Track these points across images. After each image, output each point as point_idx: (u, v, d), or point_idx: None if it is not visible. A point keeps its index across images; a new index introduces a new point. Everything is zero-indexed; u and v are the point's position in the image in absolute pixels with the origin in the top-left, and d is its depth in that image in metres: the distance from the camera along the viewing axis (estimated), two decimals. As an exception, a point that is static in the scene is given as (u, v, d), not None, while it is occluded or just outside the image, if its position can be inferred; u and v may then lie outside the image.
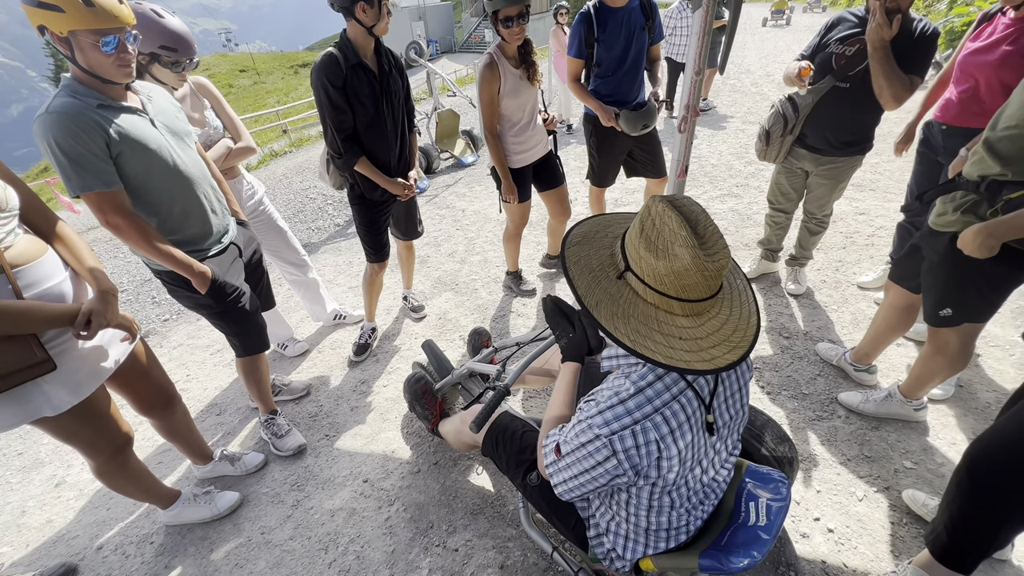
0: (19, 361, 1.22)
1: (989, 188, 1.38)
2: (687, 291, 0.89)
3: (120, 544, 1.92)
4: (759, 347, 2.47)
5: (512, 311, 3.02)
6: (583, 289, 0.98)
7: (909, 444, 1.90)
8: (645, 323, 0.93)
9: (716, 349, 0.91)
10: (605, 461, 0.95)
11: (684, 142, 1.87)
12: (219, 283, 1.78)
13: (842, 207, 3.62)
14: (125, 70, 1.46)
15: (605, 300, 0.96)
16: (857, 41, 2.08)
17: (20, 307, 1.22)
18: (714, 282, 0.90)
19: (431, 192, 5.27)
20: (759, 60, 9.47)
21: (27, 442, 2.56)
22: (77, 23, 1.33)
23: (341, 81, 2.03)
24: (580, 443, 0.98)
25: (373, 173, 2.25)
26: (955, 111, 1.97)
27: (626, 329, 0.92)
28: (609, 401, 0.96)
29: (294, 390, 2.54)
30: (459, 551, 1.72)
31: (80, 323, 1.30)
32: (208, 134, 2.11)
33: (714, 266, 0.86)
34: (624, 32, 2.49)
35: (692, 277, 0.87)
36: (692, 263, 0.86)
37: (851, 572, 1.54)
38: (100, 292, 1.36)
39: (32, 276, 1.29)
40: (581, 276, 1.00)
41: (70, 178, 1.42)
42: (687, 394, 0.96)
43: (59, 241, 1.41)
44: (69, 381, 1.36)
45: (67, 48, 1.38)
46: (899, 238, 2.35)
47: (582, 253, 1.05)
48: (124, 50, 1.43)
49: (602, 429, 0.94)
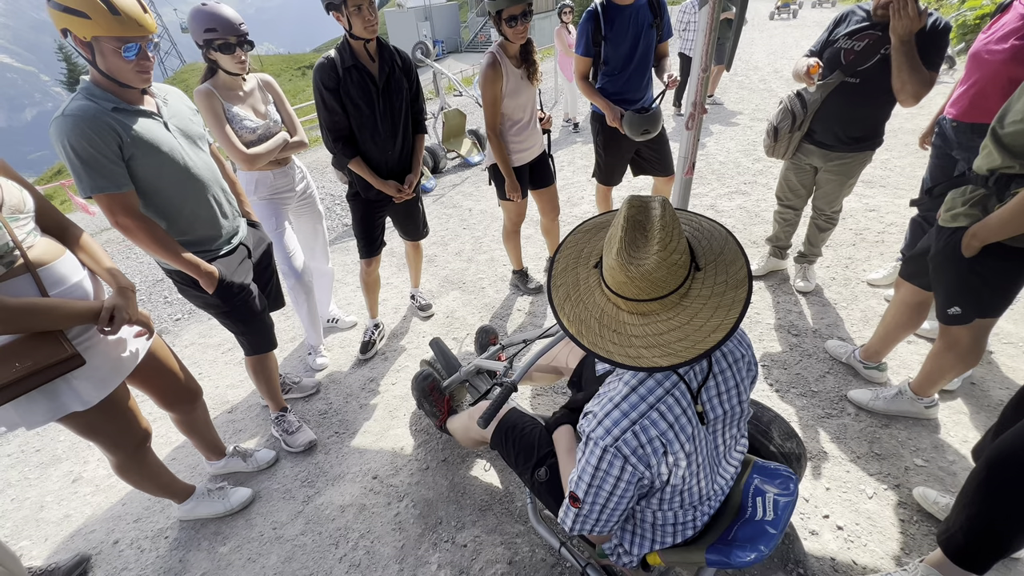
0: (50, 357, 1.26)
1: (998, 182, 1.37)
2: (620, 288, 0.91)
3: (135, 539, 1.96)
4: (767, 344, 2.46)
5: (519, 309, 3.03)
6: (557, 280, 1.04)
7: (920, 442, 1.89)
8: (600, 321, 0.95)
9: (651, 350, 0.88)
10: (622, 472, 0.95)
11: (691, 139, 1.87)
12: (226, 283, 1.81)
13: (852, 203, 3.59)
14: (144, 76, 1.51)
15: (572, 299, 1.00)
16: (866, 36, 2.06)
17: (47, 304, 1.26)
18: (645, 285, 0.87)
19: (438, 191, 5.29)
20: (767, 56, 9.39)
21: (44, 439, 2.61)
22: (102, 30, 1.37)
23: (335, 83, 2.08)
24: (593, 467, 0.97)
25: (366, 173, 2.28)
26: (964, 106, 1.94)
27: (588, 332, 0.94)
28: (605, 408, 0.96)
29: (304, 388, 2.57)
30: (468, 547, 1.74)
31: (104, 318, 1.35)
32: (268, 126, 2.20)
33: (638, 270, 0.86)
34: (632, 30, 2.48)
35: (619, 275, 0.89)
36: (616, 262, 0.89)
37: (860, 570, 1.53)
38: (119, 288, 1.41)
39: (54, 275, 1.33)
40: (563, 259, 1.06)
41: (82, 179, 1.45)
42: (680, 387, 0.96)
43: (73, 243, 1.45)
44: (95, 376, 1.41)
45: (88, 52, 1.42)
46: (911, 234, 2.33)
47: (581, 242, 1.09)
48: (144, 57, 1.48)
49: (605, 439, 0.94)
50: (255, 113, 2.17)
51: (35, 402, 1.32)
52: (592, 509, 1.01)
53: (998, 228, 1.36)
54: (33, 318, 1.24)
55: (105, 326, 1.35)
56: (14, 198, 1.28)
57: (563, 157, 5.66)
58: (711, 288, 0.91)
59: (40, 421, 1.35)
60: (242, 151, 2.08)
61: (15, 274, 1.25)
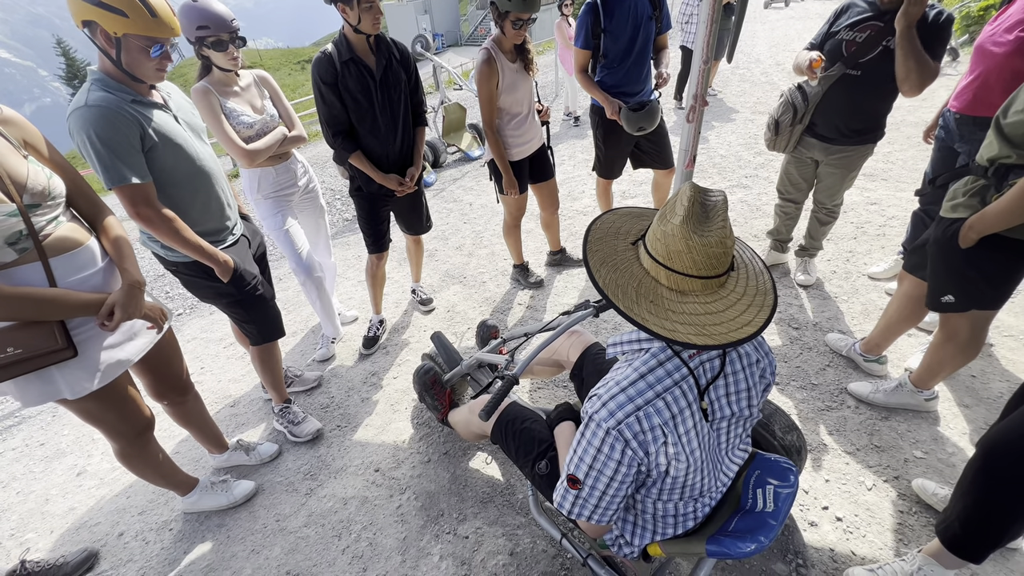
0: (41, 346, 1.27)
1: (997, 172, 1.37)
2: (672, 257, 0.91)
3: (140, 531, 1.98)
4: (768, 337, 2.46)
5: (520, 303, 3.03)
6: (593, 247, 1.04)
7: (919, 434, 1.90)
8: (638, 290, 0.95)
9: (719, 327, 0.90)
10: (622, 456, 0.95)
11: (692, 132, 1.87)
12: (239, 271, 1.84)
13: (853, 197, 3.58)
14: (161, 73, 1.54)
15: (609, 265, 1.00)
16: (868, 27, 2.04)
17: (47, 295, 1.27)
18: (700, 259, 0.89)
19: (438, 186, 5.28)
20: (768, 49, 9.33)
21: (48, 433, 2.63)
22: (138, 29, 1.39)
23: (332, 77, 2.08)
24: (595, 449, 0.97)
25: (367, 167, 2.28)
26: (968, 99, 1.92)
27: (624, 298, 0.94)
28: (611, 391, 0.97)
29: (306, 381, 2.58)
30: (469, 538, 1.75)
31: (103, 314, 1.35)
32: (265, 121, 2.20)
33: (700, 241, 0.88)
34: (631, 22, 2.47)
35: (677, 244, 0.89)
36: (679, 230, 0.89)
37: (859, 560, 1.54)
38: (127, 285, 1.41)
39: (69, 265, 1.34)
40: (600, 241, 1.06)
41: (108, 169, 1.45)
42: (688, 381, 0.97)
43: (102, 228, 1.46)
44: (90, 368, 1.41)
45: (112, 47, 1.42)
46: (912, 227, 2.32)
47: (619, 222, 1.12)
48: (167, 57, 1.52)
49: (608, 422, 0.94)
50: (252, 109, 2.16)
51: (30, 383, 1.34)
52: (591, 493, 1.01)
53: (994, 219, 1.36)
54: (31, 306, 1.25)
55: (104, 320, 1.36)
56: (39, 184, 1.26)
57: (563, 151, 5.64)
58: (744, 287, 0.97)
59: (34, 401, 1.37)
60: (241, 147, 2.08)
61: (27, 261, 1.26)
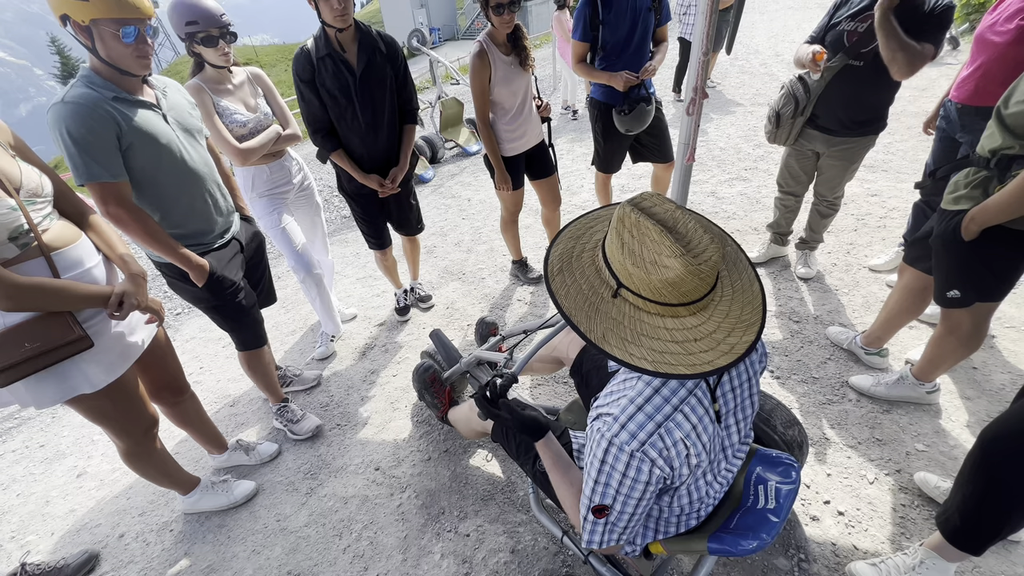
0: (59, 338, 1.28)
1: (999, 163, 1.35)
2: (687, 296, 0.86)
3: (141, 532, 1.97)
4: (769, 331, 2.45)
5: (519, 299, 3.02)
6: (584, 324, 0.90)
7: (921, 427, 1.89)
8: (655, 336, 0.88)
9: (731, 337, 0.87)
10: (650, 476, 0.92)
11: (692, 125, 1.85)
12: (217, 277, 1.80)
13: (853, 189, 3.55)
14: (143, 61, 1.51)
15: (611, 327, 0.89)
16: (869, 17, 2.02)
17: (56, 284, 1.28)
18: (710, 276, 0.86)
19: (436, 181, 5.25)
20: (768, 39, 9.24)
21: (48, 434, 2.62)
22: (100, 11, 1.37)
23: (309, 74, 2.04)
24: (620, 474, 0.92)
25: (348, 166, 2.25)
26: (969, 89, 1.90)
27: (640, 352, 0.86)
28: (627, 411, 0.92)
29: (305, 380, 2.57)
30: (470, 536, 1.75)
31: (114, 303, 1.36)
32: (259, 119, 2.18)
33: (707, 266, 0.83)
34: (630, 14, 2.44)
35: (689, 283, 0.84)
36: (684, 271, 0.82)
37: (861, 554, 1.54)
38: (131, 275, 1.44)
39: (68, 259, 1.35)
40: (578, 309, 0.91)
41: (77, 167, 1.44)
42: (701, 386, 0.95)
43: (90, 228, 1.47)
44: (104, 360, 1.42)
45: (88, 38, 1.41)
46: (913, 219, 2.30)
47: (569, 281, 0.97)
48: (143, 41, 1.48)
49: (631, 444, 0.90)
50: (245, 107, 2.14)
51: (45, 382, 1.34)
52: (620, 518, 0.97)
53: (996, 211, 1.34)
54: (43, 297, 1.26)
55: (115, 311, 1.37)
56: (32, 182, 1.30)
57: (562, 145, 5.61)
58: (731, 289, 0.94)
59: (49, 401, 1.37)
60: (234, 145, 2.05)
61: (29, 256, 1.27)
